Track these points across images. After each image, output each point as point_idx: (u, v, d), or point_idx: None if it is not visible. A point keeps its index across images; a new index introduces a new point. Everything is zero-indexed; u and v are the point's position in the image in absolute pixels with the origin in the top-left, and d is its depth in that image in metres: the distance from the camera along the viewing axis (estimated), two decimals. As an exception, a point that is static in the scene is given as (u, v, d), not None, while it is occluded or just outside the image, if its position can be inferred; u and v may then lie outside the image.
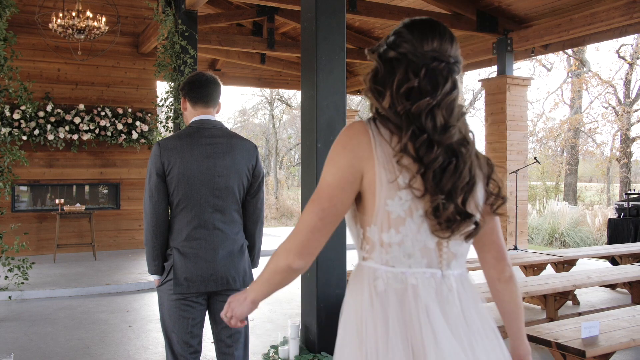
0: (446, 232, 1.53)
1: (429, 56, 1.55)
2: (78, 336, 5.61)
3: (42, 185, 10.74)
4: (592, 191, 22.93)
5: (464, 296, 1.61)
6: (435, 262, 1.57)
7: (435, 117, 1.52)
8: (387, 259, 1.55)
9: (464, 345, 1.53)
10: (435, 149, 1.50)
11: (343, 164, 1.55)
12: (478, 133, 30.70)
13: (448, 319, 1.53)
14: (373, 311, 1.53)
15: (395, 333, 1.50)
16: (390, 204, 1.51)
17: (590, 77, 20.23)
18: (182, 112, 2.99)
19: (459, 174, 1.53)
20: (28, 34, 10.16)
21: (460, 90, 1.68)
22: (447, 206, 1.50)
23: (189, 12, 8.32)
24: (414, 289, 1.53)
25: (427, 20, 1.62)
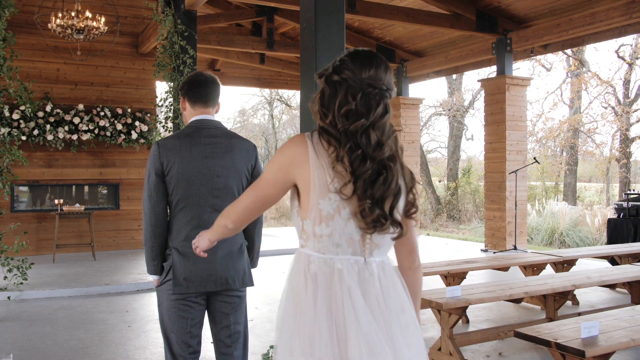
0: (371, 230, 1.83)
1: (366, 82, 1.85)
2: (77, 336, 5.60)
3: (42, 186, 10.74)
4: (592, 191, 22.94)
5: (384, 280, 1.90)
6: (359, 251, 1.87)
7: (370, 135, 1.82)
8: (319, 247, 1.86)
9: (379, 321, 1.81)
10: (368, 163, 1.80)
11: (279, 167, 1.91)
12: (477, 133, 30.67)
13: (367, 299, 1.82)
14: (306, 290, 1.84)
15: (322, 309, 1.79)
16: (322, 203, 1.82)
17: (590, 77, 20.23)
18: (181, 112, 2.99)
19: (388, 184, 1.83)
20: (27, 34, 10.15)
21: (390, 113, 1.92)
22: (372, 210, 1.80)
23: (189, 12, 8.32)
24: (339, 273, 1.83)
25: (368, 51, 1.92)
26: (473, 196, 20.88)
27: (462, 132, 23.48)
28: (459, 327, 5.75)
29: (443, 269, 6.27)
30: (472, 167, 22.10)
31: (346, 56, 1.91)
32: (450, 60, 12.49)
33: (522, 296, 5.18)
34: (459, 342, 4.77)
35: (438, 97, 31.23)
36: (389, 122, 1.89)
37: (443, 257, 10.02)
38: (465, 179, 21.51)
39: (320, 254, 1.86)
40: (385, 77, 1.90)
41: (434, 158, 27.13)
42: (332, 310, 1.80)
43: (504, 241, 11.11)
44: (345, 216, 1.83)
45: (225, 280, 2.90)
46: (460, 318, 4.68)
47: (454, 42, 12.41)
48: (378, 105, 1.85)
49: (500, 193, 11.25)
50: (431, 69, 13.38)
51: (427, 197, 21.99)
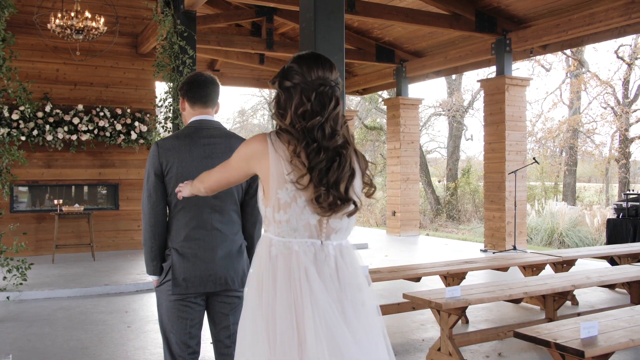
0: (328, 213, 2.04)
1: (317, 83, 2.09)
2: (76, 337, 5.60)
3: (41, 186, 10.73)
4: (591, 191, 22.93)
5: (340, 261, 2.10)
6: (315, 234, 2.09)
7: (325, 129, 2.05)
8: (278, 232, 2.08)
9: (334, 296, 2.02)
10: (322, 154, 2.02)
11: (241, 157, 2.19)
12: (477, 133, 30.67)
13: (323, 277, 2.03)
14: (268, 270, 2.06)
15: (282, 287, 2.01)
16: (279, 192, 2.05)
17: (589, 77, 20.23)
18: (180, 113, 2.99)
19: (341, 168, 2.04)
20: (27, 35, 10.15)
21: (342, 104, 2.17)
22: (328, 195, 2.01)
23: (188, 12, 8.32)
24: (296, 254, 2.05)
25: (312, 54, 2.16)
26: (472, 196, 20.88)
27: (462, 132, 23.49)
28: (458, 328, 5.75)
29: (442, 269, 6.27)
30: (471, 168, 22.10)
31: (293, 62, 2.14)
32: (449, 60, 12.49)
33: (522, 296, 5.18)
34: (458, 343, 4.77)
35: (437, 98, 31.25)
36: (341, 113, 2.12)
37: (442, 258, 10.02)
38: (464, 179, 21.50)
39: (280, 238, 2.08)
40: (332, 74, 2.14)
41: (433, 158, 27.15)
42: (290, 288, 2.01)
43: (504, 241, 11.11)
44: (301, 204, 2.04)
45: (225, 281, 2.90)
46: (459, 318, 4.68)
47: (454, 43, 12.41)
48: (331, 100, 2.09)
49: (500, 193, 11.25)
50: (431, 69, 13.38)
51: (426, 198, 22.00)
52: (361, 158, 2.20)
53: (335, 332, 1.98)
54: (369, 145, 25.32)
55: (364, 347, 2.04)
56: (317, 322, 1.96)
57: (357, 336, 2.03)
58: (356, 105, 24.18)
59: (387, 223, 14.97)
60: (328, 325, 1.97)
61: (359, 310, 2.09)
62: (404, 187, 14.21)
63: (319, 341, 1.95)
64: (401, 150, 14.17)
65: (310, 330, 1.96)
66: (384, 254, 11.10)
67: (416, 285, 7.01)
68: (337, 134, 2.07)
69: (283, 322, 1.99)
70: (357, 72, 15.76)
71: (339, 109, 2.12)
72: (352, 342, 2.00)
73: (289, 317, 1.99)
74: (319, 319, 1.96)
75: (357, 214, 2.18)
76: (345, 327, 2.00)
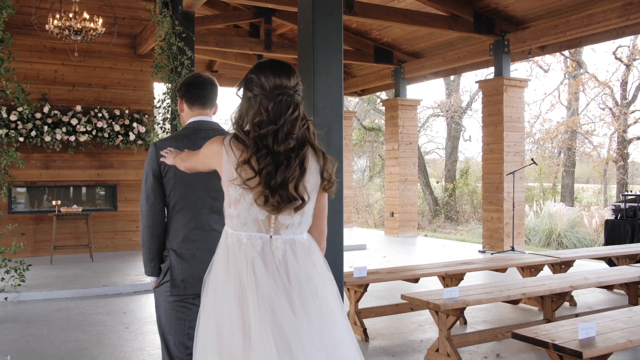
0: (275, 211, 2.19)
1: (274, 94, 2.23)
2: (74, 338, 5.60)
3: (39, 187, 10.73)
4: (589, 192, 22.95)
5: (289, 254, 2.23)
6: (264, 229, 2.24)
7: (278, 135, 2.19)
8: (232, 225, 2.27)
9: (280, 288, 2.15)
10: (269, 158, 2.16)
11: (204, 154, 2.42)
12: (475, 134, 30.71)
13: (268, 268, 2.17)
14: (223, 261, 2.26)
15: (231, 275, 2.21)
16: (230, 190, 2.24)
17: (587, 78, 20.26)
18: (179, 114, 2.99)
19: (289, 170, 2.17)
20: (25, 36, 10.14)
21: (300, 108, 2.27)
22: (274, 196, 2.16)
23: (186, 13, 8.31)
24: (245, 247, 2.21)
25: (270, 63, 2.30)
26: (471, 197, 20.90)
27: (460, 133, 23.50)
28: (456, 328, 5.76)
29: (441, 270, 6.28)
30: (469, 168, 22.12)
31: (252, 72, 2.28)
32: (448, 61, 12.50)
33: (520, 297, 5.19)
34: (456, 343, 4.78)
35: (436, 98, 31.21)
36: (299, 117, 2.24)
37: (441, 259, 10.03)
38: (463, 180, 21.52)
39: (233, 230, 2.26)
40: (290, 81, 2.27)
41: (431, 159, 27.16)
42: (238, 276, 2.19)
43: (502, 242, 11.12)
44: (248, 201, 2.21)
45: None
46: (457, 319, 4.69)
47: (452, 44, 12.42)
48: (289, 108, 2.23)
49: (498, 194, 11.26)
50: (429, 70, 13.39)
51: (424, 199, 22.01)
52: (320, 155, 2.31)
53: (281, 320, 2.10)
54: (367, 146, 25.34)
55: (314, 335, 2.14)
56: (262, 310, 2.10)
57: (305, 325, 2.14)
58: (354, 106, 24.19)
59: (385, 224, 14.97)
60: (273, 313, 2.10)
61: (309, 301, 2.19)
62: (402, 188, 14.21)
63: (264, 329, 2.09)
64: (399, 151, 14.18)
65: (256, 319, 2.10)
66: (382, 255, 11.10)
67: (414, 286, 7.01)
68: (290, 138, 2.20)
69: (231, 303, 2.17)
70: (356, 73, 15.77)
71: (297, 114, 2.24)
72: (300, 330, 2.11)
73: (236, 305, 2.16)
74: (264, 308, 2.10)
75: (356, 214, 2.29)
76: (291, 312, 2.12)
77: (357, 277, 5.64)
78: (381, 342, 5.44)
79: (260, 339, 2.08)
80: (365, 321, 5.69)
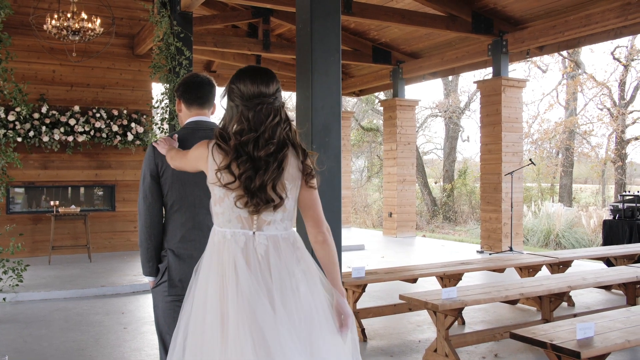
0: (255, 213, 2.31)
1: (254, 103, 2.32)
2: (73, 338, 5.59)
3: (37, 187, 10.72)
4: (587, 193, 22.97)
5: (271, 250, 2.31)
6: (247, 226, 2.33)
7: (258, 142, 2.29)
8: (218, 222, 2.38)
9: (260, 281, 2.23)
10: (249, 163, 2.27)
11: (191, 157, 2.52)
12: (473, 134, 30.71)
13: (250, 265, 2.26)
14: (209, 256, 2.36)
15: (214, 269, 2.30)
16: (214, 189, 2.36)
17: (585, 79, 20.27)
18: (177, 114, 2.98)
19: (267, 173, 2.27)
20: (23, 36, 10.12)
21: (281, 113, 2.36)
22: (251, 201, 2.27)
23: (184, 13, 8.31)
24: (229, 242, 2.31)
25: (250, 71, 2.39)
26: (469, 197, 20.90)
27: (458, 133, 23.50)
28: (454, 329, 5.76)
29: (439, 270, 6.28)
30: (468, 169, 22.13)
31: (232, 82, 2.39)
32: (446, 61, 12.51)
33: (518, 297, 5.19)
34: (454, 344, 4.78)
35: (434, 99, 31.26)
36: (281, 121, 2.34)
37: (439, 259, 10.03)
38: (461, 180, 21.53)
39: (219, 227, 2.37)
40: (269, 88, 2.36)
41: (430, 159, 27.16)
42: (220, 270, 2.28)
43: (500, 242, 11.13)
44: (232, 199, 2.31)
45: None
46: (456, 319, 4.69)
47: (450, 44, 12.43)
48: (269, 115, 2.32)
49: (496, 194, 11.26)
50: (427, 71, 13.40)
51: (423, 199, 22.01)
52: (299, 150, 2.39)
53: (260, 319, 2.17)
54: (366, 147, 25.35)
55: (292, 333, 2.21)
56: (240, 308, 2.18)
57: (285, 322, 2.21)
58: (353, 107, 24.19)
59: (383, 224, 14.98)
60: (253, 311, 2.18)
61: (289, 296, 2.26)
62: (401, 188, 14.22)
63: (241, 326, 2.17)
64: (398, 152, 14.18)
65: (234, 316, 2.18)
66: (380, 255, 11.10)
67: (412, 287, 7.01)
68: (270, 144, 2.29)
69: (212, 295, 2.27)
70: (354, 74, 15.77)
71: (278, 118, 2.34)
72: (279, 329, 2.18)
73: (216, 301, 2.25)
74: (243, 306, 2.19)
75: (354, 215, 2.32)
76: (270, 307, 2.20)
77: (356, 277, 5.64)
78: (379, 343, 5.44)
79: (237, 336, 2.16)
80: (363, 321, 5.70)
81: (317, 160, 2.48)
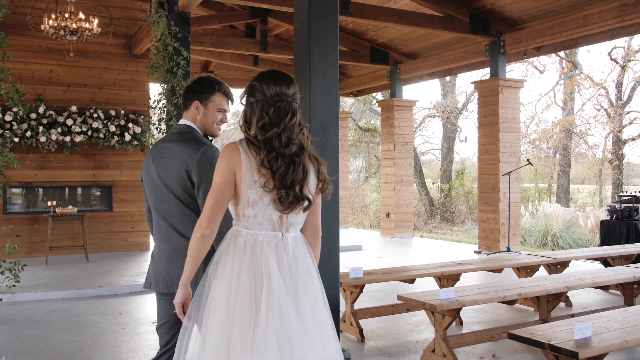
0: (287, 210, 2.44)
1: (274, 100, 2.46)
2: (70, 339, 5.58)
3: (34, 187, 10.70)
4: (585, 193, 23.01)
5: (296, 249, 2.50)
6: (277, 228, 2.47)
7: (281, 139, 2.42)
8: (247, 225, 2.46)
9: (287, 279, 2.40)
10: (280, 161, 2.39)
11: (225, 169, 2.45)
12: (471, 135, 30.70)
13: (281, 265, 2.42)
14: (232, 257, 2.42)
15: (247, 271, 2.38)
16: (249, 192, 2.42)
17: (582, 79, 20.30)
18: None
19: (296, 172, 2.42)
20: (20, 36, 10.11)
21: (298, 115, 2.50)
22: (287, 196, 2.40)
23: (182, 13, 8.30)
24: (261, 244, 2.43)
25: (272, 73, 2.52)
26: (466, 198, 20.92)
27: (456, 134, 23.52)
28: (452, 329, 5.76)
29: (437, 270, 6.28)
30: (465, 169, 22.15)
31: (255, 80, 2.51)
32: (443, 62, 12.51)
33: (516, 298, 5.19)
34: (452, 344, 4.78)
35: (431, 99, 31.28)
36: (297, 123, 2.48)
37: (436, 259, 10.04)
38: (458, 180, 21.55)
39: (248, 230, 2.45)
40: (289, 90, 2.50)
41: (427, 160, 27.17)
42: (254, 272, 2.38)
43: (498, 243, 11.14)
44: (266, 202, 2.42)
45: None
46: (453, 320, 4.69)
47: (448, 44, 12.43)
48: (287, 114, 2.46)
49: (494, 195, 11.27)
50: (425, 71, 13.40)
51: (420, 199, 22.02)
52: (313, 159, 2.55)
53: (285, 314, 2.33)
54: (363, 147, 25.35)
55: (307, 322, 2.39)
56: (269, 305, 2.32)
57: (304, 309, 2.40)
58: (350, 107, 24.19)
59: (381, 225, 14.97)
60: (280, 308, 2.33)
61: (309, 290, 2.47)
62: (398, 188, 14.22)
63: (268, 320, 2.31)
64: (395, 152, 14.19)
65: (263, 311, 2.32)
66: (378, 255, 11.10)
67: (410, 287, 7.02)
68: (292, 143, 2.44)
69: (244, 298, 2.35)
70: (351, 74, 15.77)
71: (295, 120, 2.48)
72: (298, 322, 2.35)
73: (249, 297, 2.36)
74: (272, 301, 2.33)
75: (352, 215, 2.36)
76: (295, 307, 2.37)
77: (353, 277, 5.64)
78: (377, 343, 5.44)
79: (265, 332, 2.30)
80: (361, 322, 5.69)
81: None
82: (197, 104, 2.99)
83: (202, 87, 3.00)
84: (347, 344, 5.34)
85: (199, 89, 3.00)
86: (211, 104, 3.00)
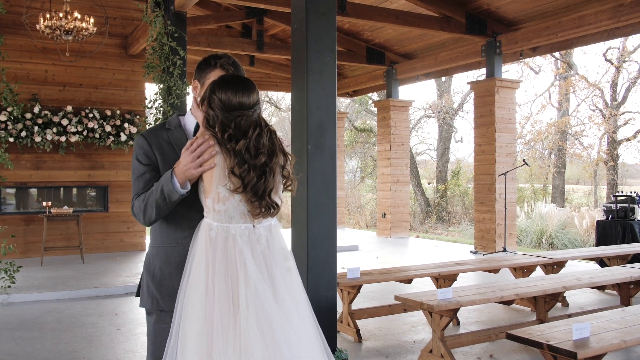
0: (259, 216, 2.41)
1: (234, 115, 2.38)
2: (66, 340, 5.56)
3: (29, 188, 10.66)
4: (580, 193, 23.05)
5: (270, 238, 2.47)
6: (249, 220, 2.43)
7: (250, 150, 2.36)
8: (217, 218, 2.41)
9: (262, 268, 2.39)
10: (252, 173, 2.35)
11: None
12: (467, 135, 30.79)
13: (254, 255, 2.39)
14: (206, 250, 2.39)
15: (220, 264, 2.36)
16: (220, 188, 2.38)
17: (578, 80, 20.35)
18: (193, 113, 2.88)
19: (267, 182, 2.40)
20: (15, 35, 10.07)
21: (262, 123, 2.45)
22: (260, 204, 2.39)
23: (178, 13, 8.28)
24: (233, 237, 2.39)
25: (230, 81, 2.44)
26: (462, 198, 20.94)
27: (452, 134, 23.54)
28: (450, 329, 5.76)
29: (434, 271, 6.28)
30: (461, 169, 22.16)
31: (212, 92, 2.41)
32: (439, 62, 12.52)
33: (513, 298, 5.19)
34: (450, 344, 4.77)
35: (427, 100, 31.30)
36: (263, 132, 2.42)
37: (433, 259, 10.04)
38: (454, 181, 21.56)
39: (219, 223, 2.41)
40: (250, 98, 2.43)
41: (423, 160, 27.19)
42: (227, 265, 2.36)
43: (494, 243, 11.15)
44: (237, 199, 2.39)
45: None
46: (451, 320, 4.68)
47: (444, 45, 12.44)
48: (249, 127, 2.40)
49: (490, 195, 11.28)
50: (421, 71, 13.41)
51: (416, 200, 22.04)
52: (280, 157, 2.49)
53: (264, 300, 2.33)
54: (359, 147, 25.34)
55: (286, 307, 2.39)
56: (248, 293, 2.32)
57: (282, 296, 2.40)
58: (346, 107, 24.18)
59: (377, 225, 14.98)
60: (258, 295, 2.32)
61: (285, 275, 2.46)
62: (394, 189, 14.23)
63: (249, 308, 2.30)
64: (391, 152, 14.19)
65: (243, 300, 2.31)
66: (374, 255, 11.10)
67: (407, 287, 7.02)
68: (260, 153, 2.39)
69: (221, 292, 2.33)
70: (348, 74, 15.77)
71: (259, 130, 2.42)
72: (277, 307, 2.35)
73: (225, 290, 2.34)
74: (250, 290, 2.32)
75: (348, 215, 2.36)
76: (273, 294, 2.37)
77: (351, 278, 5.64)
78: (374, 343, 5.43)
79: (246, 321, 2.30)
80: (358, 322, 5.68)
81: (310, 160, 2.54)
82: (196, 84, 2.73)
83: (202, 65, 2.74)
84: (344, 344, 5.33)
85: (199, 67, 2.75)
86: (208, 81, 2.65)
